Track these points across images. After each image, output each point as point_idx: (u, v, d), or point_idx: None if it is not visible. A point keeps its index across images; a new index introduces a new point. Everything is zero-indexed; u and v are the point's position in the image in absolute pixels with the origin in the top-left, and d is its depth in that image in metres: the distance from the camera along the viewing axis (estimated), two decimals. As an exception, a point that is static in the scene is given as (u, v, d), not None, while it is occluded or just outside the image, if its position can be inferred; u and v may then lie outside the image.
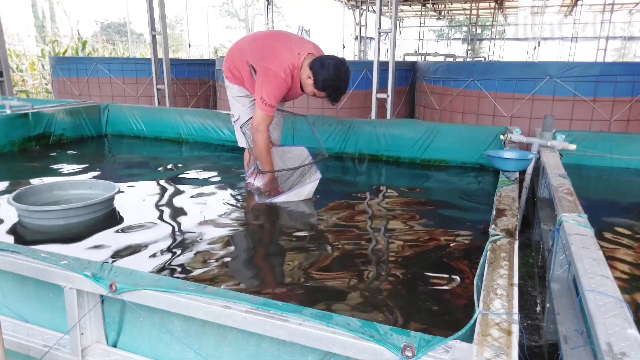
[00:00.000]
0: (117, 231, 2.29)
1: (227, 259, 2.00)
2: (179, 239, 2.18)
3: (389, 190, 3.11)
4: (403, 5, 15.74)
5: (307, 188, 2.71)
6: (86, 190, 2.62)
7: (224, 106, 6.54)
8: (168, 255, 1.99)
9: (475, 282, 1.24)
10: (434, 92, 6.10)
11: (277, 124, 2.90)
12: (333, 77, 2.35)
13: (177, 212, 2.53)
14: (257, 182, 2.70)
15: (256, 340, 1.16)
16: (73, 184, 2.66)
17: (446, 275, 1.87)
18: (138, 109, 4.72)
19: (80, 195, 2.59)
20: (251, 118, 2.66)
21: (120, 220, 2.42)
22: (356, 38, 12.89)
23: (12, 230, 2.25)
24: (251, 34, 2.81)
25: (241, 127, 2.76)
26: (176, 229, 2.30)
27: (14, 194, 2.34)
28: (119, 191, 2.55)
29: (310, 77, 2.40)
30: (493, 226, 1.56)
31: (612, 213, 2.75)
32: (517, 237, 1.47)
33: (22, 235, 2.22)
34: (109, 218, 2.44)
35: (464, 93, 5.59)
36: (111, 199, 2.48)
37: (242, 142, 2.83)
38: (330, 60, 2.37)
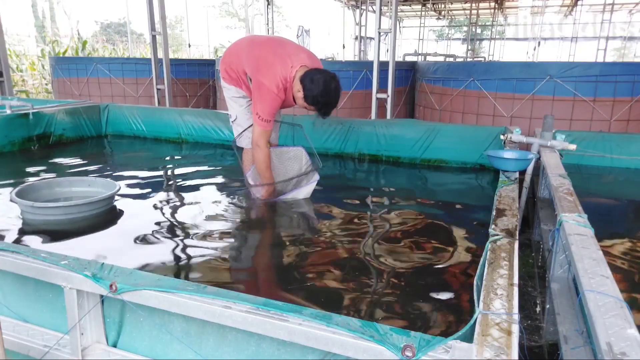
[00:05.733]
0: (117, 230, 2.29)
1: (227, 259, 2.00)
2: (178, 239, 2.18)
3: (388, 191, 3.11)
4: (403, 5, 15.73)
5: (306, 189, 2.72)
6: (85, 188, 2.65)
7: (224, 106, 6.52)
8: (168, 255, 1.99)
9: (475, 282, 1.24)
10: (434, 92, 6.10)
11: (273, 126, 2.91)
12: (322, 93, 2.36)
13: (177, 212, 2.54)
14: (257, 192, 2.71)
15: (256, 340, 1.16)
16: (72, 181, 2.69)
17: (446, 275, 1.87)
18: (138, 109, 4.72)
19: (79, 192, 2.61)
20: (243, 132, 2.70)
21: (120, 219, 2.43)
22: (356, 38, 12.88)
23: (15, 226, 2.26)
24: (249, 38, 2.80)
25: (236, 137, 2.78)
26: (176, 229, 2.30)
27: (15, 190, 2.37)
28: (120, 189, 2.57)
29: (300, 91, 2.41)
30: (493, 226, 1.56)
31: (612, 213, 2.75)
32: (517, 237, 1.47)
33: (26, 230, 2.24)
34: (110, 216, 2.45)
35: (464, 93, 5.59)
36: (112, 197, 2.51)
37: (241, 143, 2.84)
38: (320, 76, 2.37)
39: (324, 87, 2.35)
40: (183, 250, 2.05)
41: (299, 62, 2.46)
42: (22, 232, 2.23)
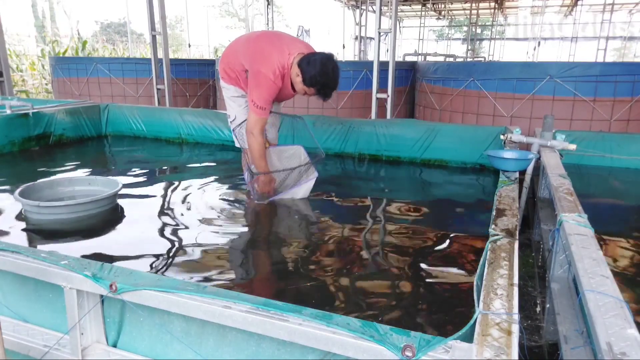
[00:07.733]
0: (117, 230, 2.29)
1: (227, 259, 2.00)
2: (178, 238, 2.18)
3: (388, 191, 3.11)
4: (403, 5, 15.73)
5: (304, 187, 2.72)
6: (86, 187, 2.66)
7: (224, 106, 6.51)
8: (168, 255, 1.99)
9: (475, 282, 1.24)
10: (434, 92, 6.10)
11: (272, 123, 2.91)
12: (320, 72, 2.36)
13: (177, 212, 2.53)
14: (256, 192, 2.71)
15: (256, 340, 1.16)
16: (72, 180, 2.70)
17: (446, 275, 1.87)
18: (138, 109, 4.72)
19: (80, 191, 2.62)
20: (244, 121, 2.67)
21: (121, 218, 2.43)
22: (356, 38, 12.89)
23: (19, 227, 2.27)
24: (245, 35, 2.81)
25: (234, 130, 2.77)
26: (176, 229, 2.30)
27: (18, 191, 2.37)
28: (122, 186, 2.58)
29: (298, 75, 2.42)
30: (493, 226, 1.56)
31: (612, 213, 2.75)
32: (517, 237, 1.47)
33: (30, 230, 2.24)
34: (112, 215, 2.46)
35: (464, 93, 5.59)
36: (116, 195, 2.53)
37: (238, 142, 2.84)
38: (317, 57, 2.38)
39: (321, 66, 2.36)
40: (183, 250, 2.05)
41: (297, 50, 2.47)
42: (26, 231, 2.23)
